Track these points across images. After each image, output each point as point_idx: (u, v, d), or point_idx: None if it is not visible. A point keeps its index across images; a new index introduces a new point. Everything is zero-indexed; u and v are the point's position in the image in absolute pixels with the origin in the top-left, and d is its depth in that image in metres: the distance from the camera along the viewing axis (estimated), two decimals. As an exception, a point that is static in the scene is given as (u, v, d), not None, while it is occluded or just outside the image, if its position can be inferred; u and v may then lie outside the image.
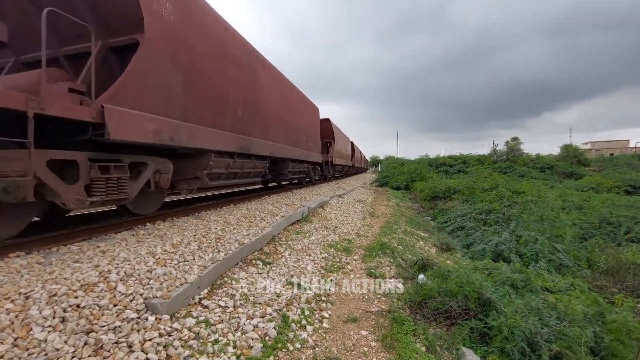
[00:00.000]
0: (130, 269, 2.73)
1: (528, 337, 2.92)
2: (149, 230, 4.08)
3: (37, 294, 2.13)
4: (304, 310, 3.00)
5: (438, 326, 3.22)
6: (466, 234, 8.92)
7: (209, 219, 4.99)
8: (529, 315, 3.21)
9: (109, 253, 3.04)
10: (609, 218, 9.38)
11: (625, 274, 5.97)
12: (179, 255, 3.24)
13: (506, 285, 4.00)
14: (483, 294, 3.35)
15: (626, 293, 5.26)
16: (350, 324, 2.97)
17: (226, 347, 2.23)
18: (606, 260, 6.58)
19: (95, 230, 3.81)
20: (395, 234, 6.88)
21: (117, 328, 2.07)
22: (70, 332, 1.92)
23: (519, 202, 10.80)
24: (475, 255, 7.07)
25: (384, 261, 4.77)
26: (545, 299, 3.94)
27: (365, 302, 3.46)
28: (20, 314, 1.96)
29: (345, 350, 2.57)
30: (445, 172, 29.32)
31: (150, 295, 2.45)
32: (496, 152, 33.45)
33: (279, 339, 2.46)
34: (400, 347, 2.60)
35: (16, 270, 2.51)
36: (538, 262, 6.48)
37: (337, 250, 5.03)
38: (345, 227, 6.69)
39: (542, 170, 26.84)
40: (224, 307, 2.72)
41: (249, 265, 3.76)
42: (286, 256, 4.28)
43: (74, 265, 2.67)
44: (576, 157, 31.47)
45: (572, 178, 24.30)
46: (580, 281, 5.53)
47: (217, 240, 3.93)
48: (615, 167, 27.87)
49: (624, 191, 17.52)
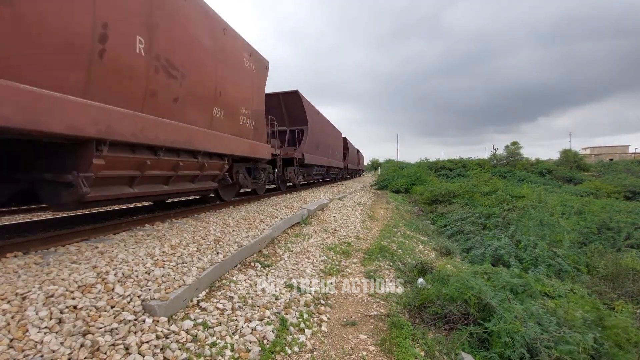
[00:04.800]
0: (129, 270, 2.71)
1: (528, 342, 2.90)
2: (148, 231, 4.07)
3: (34, 295, 2.12)
4: (302, 313, 2.98)
5: (437, 331, 3.20)
6: (465, 238, 8.91)
7: (208, 221, 4.97)
8: (528, 321, 3.19)
9: (107, 254, 3.02)
10: (609, 223, 9.38)
11: (625, 280, 5.96)
12: (178, 256, 3.23)
13: (506, 290, 3.98)
14: (482, 298, 3.33)
15: (626, 299, 5.25)
16: (349, 328, 2.95)
17: (224, 350, 2.21)
18: (605, 265, 6.57)
19: (93, 231, 3.79)
20: (395, 237, 6.87)
21: (114, 330, 2.06)
22: (66, 334, 1.90)
23: (518, 207, 10.80)
24: (475, 260, 7.06)
25: (383, 265, 4.76)
26: (545, 304, 3.92)
27: (364, 305, 3.45)
28: (17, 314, 1.94)
29: (344, 354, 2.55)
30: (445, 175, 29.31)
31: (148, 297, 2.43)
32: (496, 157, 33.45)
33: (277, 342, 2.44)
34: (399, 352, 2.59)
35: (13, 271, 2.50)
36: (537, 266, 6.47)
37: (336, 253, 5.02)
38: (344, 230, 6.68)
39: (541, 174, 26.84)
40: (222, 309, 2.70)
41: (248, 267, 3.74)
42: (285, 259, 4.27)
43: (71, 266, 2.65)
44: (575, 162, 31.49)
45: (572, 183, 24.30)
46: (579, 286, 5.52)
47: (216, 242, 3.91)
48: (614, 172, 27.92)
49: (623, 196, 17.53)
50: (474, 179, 20.99)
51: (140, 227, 4.30)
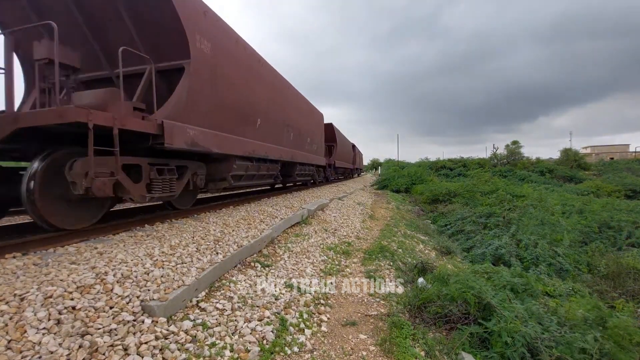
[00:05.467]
0: (128, 270, 2.70)
1: (528, 342, 2.89)
2: (147, 231, 4.06)
3: (32, 296, 2.11)
4: (302, 313, 2.97)
5: (437, 330, 3.19)
6: (466, 238, 8.90)
7: (208, 221, 4.97)
8: (529, 320, 3.18)
9: (107, 254, 3.02)
10: (610, 222, 9.36)
11: (626, 279, 5.94)
12: (177, 257, 3.22)
13: (506, 289, 3.97)
14: (483, 298, 3.32)
15: (627, 298, 5.24)
16: (349, 328, 2.94)
17: (223, 351, 2.20)
18: (606, 264, 6.56)
19: (93, 232, 3.79)
20: (395, 237, 6.85)
21: (113, 331, 2.05)
22: (65, 335, 1.89)
23: (519, 206, 10.78)
24: (475, 259, 7.05)
25: (384, 264, 4.75)
26: (546, 304, 3.91)
27: (364, 305, 3.44)
28: (15, 315, 1.93)
29: (344, 354, 2.54)
30: (446, 175, 29.28)
31: (147, 298, 2.43)
32: (496, 156, 33.42)
33: (277, 343, 2.44)
34: (399, 352, 2.58)
35: (12, 272, 2.49)
36: (538, 266, 6.46)
37: (336, 253, 5.01)
38: (344, 230, 6.66)
39: (542, 174, 26.80)
40: (221, 309, 2.69)
41: (248, 267, 3.73)
42: (285, 259, 4.26)
43: (70, 267, 2.65)
44: (576, 161, 31.44)
45: (572, 182, 24.27)
46: (580, 286, 5.50)
47: (215, 242, 3.90)
48: (615, 171, 27.88)
49: (624, 195, 17.50)
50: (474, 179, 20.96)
51: (139, 227, 4.29)
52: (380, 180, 25.38)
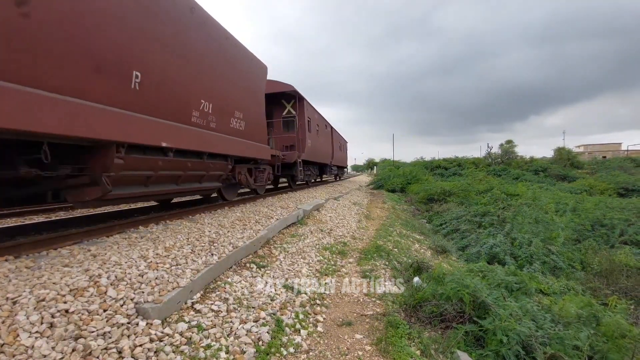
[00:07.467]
0: (122, 273, 2.68)
1: (523, 340, 2.91)
2: (142, 233, 4.04)
3: (24, 299, 2.09)
4: (298, 314, 2.97)
5: (433, 329, 3.20)
6: (461, 237, 8.95)
7: (203, 222, 4.95)
8: (523, 318, 3.20)
9: (100, 257, 2.99)
10: (603, 220, 9.46)
11: (619, 276, 6.02)
12: (172, 258, 3.20)
13: (501, 288, 4.00)
14: (478, 297, 3.34)
15: (619, 295, 5.30)
16: (344, 328, 2.94)
17: (219, 352, 2.19)
18: (600, 262, 6.63)
19: (86, 234, 3.76)
20: (391, 236, 6.87)
21: (107, 333, 2.03)
22: (58, 338, 1.87)
23: (513, 205, 10.86)
24: (470, 258, 7.09)
25: (379, 264, 4.76)
26: (540, 302, 3.94)
27: (360, 305, 3.44)
28: (7, 319, 1.91)
29: (340, 354, 2.54)
30: (441, 174, 29.40)
31: (141, 300, 2.41)
32: (491, 155, 33.64)
33: (273, 344, 2.43)
34: (394, 351, 2.59)
35: (4, 275, 2.46)
36: (532, 264, 6.50)
37: (332, 253, 5.01)
38: (340, 230, 6.67)
39: (536, 172, 27.03)
40: (217, 311, 2.68)
41: (243, 268, 3.72)
42: (281, 259, 4.25)
43: (63, 270, 2.62)
44: (569, 160, 31.75)
45: (566, 181, 24.50)
46: (574, 283, 5.56)
47: (210, 244, 3.89)
48: (607, 169, 28.19)
49: (616, 194, 17.71)
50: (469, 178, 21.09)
51: (133, 229, 4.26)
52: (376, 180, 25.44)
